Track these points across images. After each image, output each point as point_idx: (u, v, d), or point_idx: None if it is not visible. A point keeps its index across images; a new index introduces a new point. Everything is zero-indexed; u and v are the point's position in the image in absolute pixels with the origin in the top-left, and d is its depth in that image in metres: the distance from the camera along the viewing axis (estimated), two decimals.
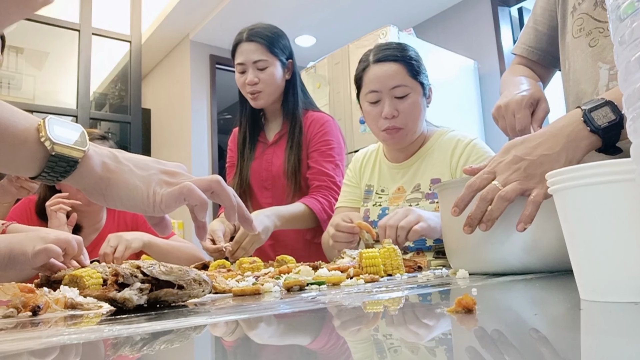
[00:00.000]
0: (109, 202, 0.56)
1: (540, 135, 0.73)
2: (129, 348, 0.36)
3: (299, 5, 3.80)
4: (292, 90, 1.61)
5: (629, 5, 0.33)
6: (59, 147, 0.51)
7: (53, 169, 0.52)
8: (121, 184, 0.55)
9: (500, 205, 0.71)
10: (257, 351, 0.35)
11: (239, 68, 1.56)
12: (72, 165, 0.53)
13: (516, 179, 0.71)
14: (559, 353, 0.28)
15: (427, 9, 3.97)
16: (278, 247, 1.59)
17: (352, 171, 1.47)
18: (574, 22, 0.97)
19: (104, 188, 0.55)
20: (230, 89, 5.04)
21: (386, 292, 0.63)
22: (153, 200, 0.56)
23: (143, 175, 0.57)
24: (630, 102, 0.34)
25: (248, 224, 0.68)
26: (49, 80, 4.02)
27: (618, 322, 0.35)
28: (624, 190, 0.40)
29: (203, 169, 4.34)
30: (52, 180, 0.53)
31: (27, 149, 0.51)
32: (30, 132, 0.51)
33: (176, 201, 0.57)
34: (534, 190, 0.69)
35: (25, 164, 0.52)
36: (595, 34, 0.92)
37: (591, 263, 0.43)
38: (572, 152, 0.70)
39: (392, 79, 1.24)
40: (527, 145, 0.72)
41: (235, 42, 1.58)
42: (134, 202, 0.56)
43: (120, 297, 0.54)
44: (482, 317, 0.40)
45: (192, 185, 0.58)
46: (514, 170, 0.71)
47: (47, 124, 0.52)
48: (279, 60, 1.55)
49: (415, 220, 1.03)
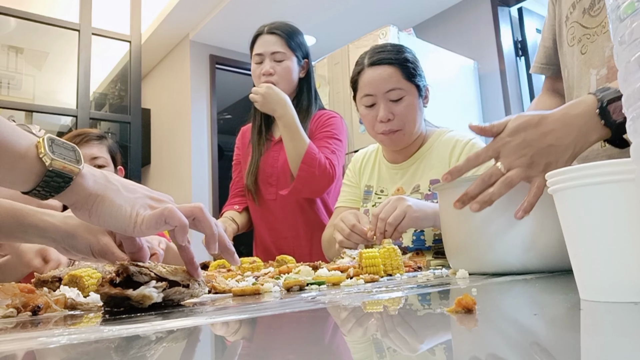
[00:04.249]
0: (93, 219, 0.58)
1: (553, 121, 0.71)
2: (129, 348, 0.36)
3: (299, 5, 3.80)
4: (307, 89, 1.63)
5: (629, 5, 0.33)
6: (57, 163, 0.53)
7: (48, 183, 0.54)
8: (107, 202, 0.57)
9: (502, 190, 0.70)
10: (257, 351, 0.35)
11: (256, 59, 1.58)
12: (66, 182, 0.55)
13: (520, 165, 0.69)
14: (559, 353, 0.28)
15: (427, 9, 3.97)
16: (281, 244, 1.60)
17: (352, 171, 1.47)
18: (568, 30, 0.98)
19: (91, 205, 0.57)
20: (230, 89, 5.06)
21: (386, 292, 0.63)
22: (135, 221, 0.58)
23: (129, 197, 0.59)
24: (630, 102, 0.34)
25: (229, 254, 0.66)
26: (48, 80, 4.02)
27: (618, 322, 0.35)
28: (624, 190, 0.40)
29: (203, 168, 4.34)
30: (45, 196, 0.55)
31: (25, 164, 0.53)
32: (30, 149, 0.53)
33: (157, 223, 0.58)
34: (536, 178, 0.69)
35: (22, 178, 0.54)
36: (584, 41, 0.93)
37: (591, 263, 0.43)
38: (580, 145, 0.69)
39: (387, 82, 1.24)
40: (540, 131, 0.70)
41: (256, 34, 1.61)
42: (116, 220, 0.58)
43: (138, 294, 0.54)
44: (482, 317, 0.40)
45: (173, 208, 0.59)
46: (520, 156, 0.70)
47: (45, 142, 0.54)
48: (296, 56, 1.59)
49: (402, 214, 1.04)
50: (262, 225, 1.65)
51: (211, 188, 4.32)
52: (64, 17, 3.54)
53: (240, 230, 1.62)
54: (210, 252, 0.63)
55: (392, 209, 1.05)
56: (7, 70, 3.67)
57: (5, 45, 3.68)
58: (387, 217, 1.04)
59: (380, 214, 1.06)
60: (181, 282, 0.59)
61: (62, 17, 3.54)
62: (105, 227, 0.59)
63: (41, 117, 3.63)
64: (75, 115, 3.55)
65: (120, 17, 3.83)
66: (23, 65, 3.80)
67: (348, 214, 1.18)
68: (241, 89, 5.00)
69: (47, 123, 3.98)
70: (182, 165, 4.42)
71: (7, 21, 3.52)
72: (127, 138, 3.77)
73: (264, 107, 1.48)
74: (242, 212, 1.68)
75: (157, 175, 4.86)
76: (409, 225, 1.06)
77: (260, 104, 1.47)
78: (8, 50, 3.70)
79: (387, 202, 1.08)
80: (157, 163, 4.89)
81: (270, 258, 1.17)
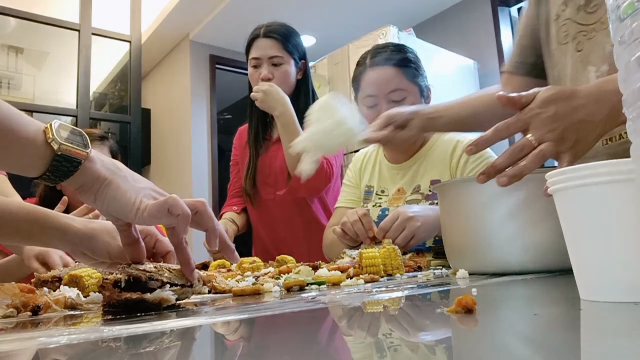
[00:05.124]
0: (97, 203, 0.58)
1: (585, 95, 0.67)
2: (129, 348, 0.36)
3: (299, 5, 3.80)
4: (304, 90, 1.63)
5: (629, 5, 0.33)
6: (65, 148, 0.54)
7: (57, 168, 0.54)
8: (113, 186, 0.58)
9: (534, 164, 0.66)
10: (257, 351, 0.35)
11: (254, 62, 1.58)
12: (75, 166, 0.55)
13: (551, 139, 0.66)
14: (559, 353, 0.28)
15: (427, 9, 3.97)
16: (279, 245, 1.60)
17: (352, 171, 1.46)
18: (559, 29, 0.95)
19: (97, 188, 0.57)
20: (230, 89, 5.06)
21: (386, 292, 0.63)
22: (137, 207, 0.58)
23: (135, 185, 0.60)
24: (630, 102, 0.34)
25: (229, 251, 0.67)
26: (49, 80, 4.02)
27: (618, 322, 0.35)
28: (624, 190, 0.40)
29: (203, 168, 4.34)
30: (54, 181, 0.56)
31: (34, 150, 0.54)
32: (38, 134, 0.54)
33: (159, 211, 0.58)
34: (565, 155, 0.66)
35: (32, 164, 0.54)
36: (579, 38, 0.91)
37: (591, 263, 0.43)
38: (610, 124, 0.66)
39: (388, 83, 1.24)
40: (571, 104, 0.67)
41: (251, 38, 1.60)
42: (119, 205, 0.58)
43: (156, 297, 0.55)
44: (482, 317, 0.40)
45: (177, 197, 0.60)
46: (551, 130, 0.66)
47: (53, 127, 0.55)
48: (293, 59, 1.58)
49: (410, 235, 1.03)
50: (261, 226, 1.65)
51: (211, 188, 4.32)
52: (64, 17, 3.54)
53: (240, 230, 1.62)
54: (211, 247, 0.63)
55: (400, 227, 1.04)
56: (7, 70, 3.67)
57: (5, 45, 3.68)
58: (395, 237, 1.02)
59: (388, 232, 1.04)
60: (186, 283, 0.60)
61: (62, 17, 3.54)
62: (108, 211, 0.59)
63: (41, 117, 3.63)
64: (75, 115, 3.55)
65: (120, 17, 3.83)
66: (23, 65, 3.80)
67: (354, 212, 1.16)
68: (241, 89, 4.98)
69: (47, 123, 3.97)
70: (182, 165, 4.42)
71: (7, 21, 3.52)
72: (127, 138, 3.77)
73: (264, 104, 1.48)
74: (240, 213, 1.68)
75: (157, 175, 4.86)
76: (414, 245, 1.05)
77: (261, 101, 1.47)
78: (8, 50, 3.70)
79: (395, 217, 1.05)
80: (157, 163, 4.89)
81: (269, 258, 1.17)
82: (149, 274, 0.56)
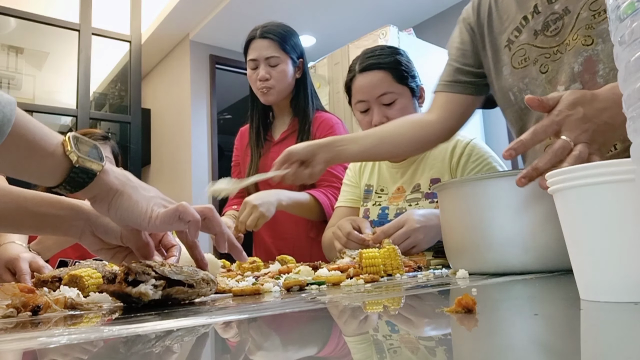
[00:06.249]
0: (111, 212, 0.62)
1: (605, 99, 0.68)
2: (129, 348, 0.36)
3: (299, 5, 3.80)
4: (303, 88, 1.63)
5: (629, 5, 0.33)
6: (83, 160, 0.57)
7: (74, 179, 0.58)
8: (125, 197, 0.61)
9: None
10: (257, 351, 0.35)
11: (251, 64, 1.58)
12: (90, 177, 0.59)
13: (584, 140, 0.66)
14: (559, 353, 0.28)
15: (427, 9, 3.97)
16: (281, 245, 1.60)
17: (352, 171, 1.47)
18: (514, 54, 0.98)
19: (110, 199, 0.61)
20: (230, 89, 5.06)
21: (386, 292, 0.63)
22: (149, 216, 0.62)
23: (145, 195, 0.64)
24: (630, 102, 0.34)
25: (238, 252, 0.71)
26: (48, 80, 4.02)
27: (618, 322, 0.35)
28: (624, 190, 0.40)
29: (203, 169, 4.34)
30: (70, 191, 0.59)
31: (53, 161, 0.57)
32: (58, 147, 0.57)
33: (171, 218, 0.62)
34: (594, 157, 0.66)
35: (51, 174, 0.57)
36: (542, 60, 0.94)
37: (591, 263, 0.43)
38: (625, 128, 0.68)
39: (378, 87, 1.25)
40: (595, 107, 0.67)
41: (248, 39, 1.60)
42: (132, 215, 0.61)
43: (136, 291, 0.55)
44: (482, 317, 0.40)
45: (186, 204, 0.63)
46: (583, 131, 0.66)
47: (71, 140, 0.58)
48: (291, 58, 1.58)
49: (411, 244, 1.05)
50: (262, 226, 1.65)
51: None
52: (64, 17, 3.54)
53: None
54: (220, 250, 0.67)
55: (404, 236, 1.04)
56: (7, 70, 3.68)
57: (5, 45, 3.68)
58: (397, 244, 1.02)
59: (391, 237, 1.04)
60: (185, 282, 0.60)
61: (62, 17, 3.54)
62: (122, 220, 0.62)
63: (41, 117, 3.63)
64: (75, 115, 3.55)
65: (120, 17, 3.83)
66: (23, 65, 3.80)
67: (344, 221, 1.18)
68: (241, 89, 5.00)
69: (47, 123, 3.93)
70: (182, 165, 4.42)
71: (7, 21, 3.52)
72: (127, 138, 3.77)
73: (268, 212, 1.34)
74: None
75: (157, 175, 4.87)
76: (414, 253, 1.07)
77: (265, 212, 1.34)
78: (8, 50, 3.71)
79: (399, 225, 1.05)
80: (157, 163, 4.89)
81: (270, 258, 1.17)
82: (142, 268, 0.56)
